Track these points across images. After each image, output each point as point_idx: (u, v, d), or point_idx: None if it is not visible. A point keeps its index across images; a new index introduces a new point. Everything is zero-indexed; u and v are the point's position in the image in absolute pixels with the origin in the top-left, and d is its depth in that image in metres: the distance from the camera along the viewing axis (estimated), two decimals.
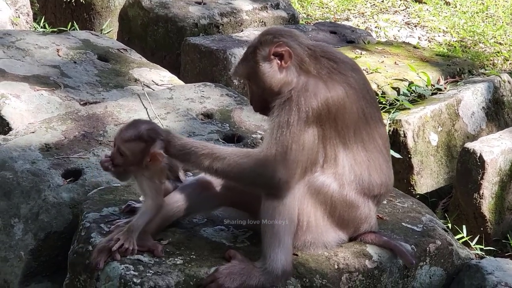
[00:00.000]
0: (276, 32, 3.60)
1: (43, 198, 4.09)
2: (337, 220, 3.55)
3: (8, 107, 4.97)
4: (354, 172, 3.52)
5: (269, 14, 8.14)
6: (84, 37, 6.20)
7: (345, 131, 3.49)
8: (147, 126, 3.50)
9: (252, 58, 3.54)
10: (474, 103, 6.28)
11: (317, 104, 3.38)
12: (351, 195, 3.53)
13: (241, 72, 3.64)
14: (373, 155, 3.59)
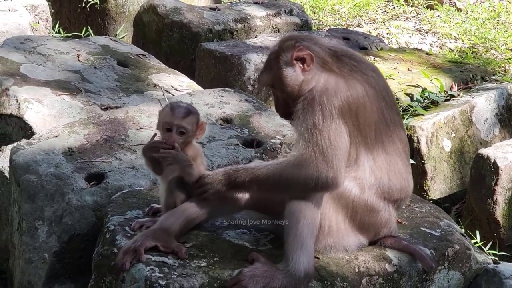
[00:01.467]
0: (296, 37, 3.65)
1: (67, 201, 4.16)
2: (358, 224, 3.61)
3: (31, 111, 5.03)
4: (375, 175, 3.57)
5: (283, 20, 8.20)
6: (103, 42, 6.26)
7: (367, 130, 3.53)
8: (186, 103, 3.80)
9: (275, 64, 3.59)
10: (487, 110, 6.33)
11: (338, 101, 3.44)
12: (371, 199, 3.58)
13: (265, 80, 3.68)
14: (393, 159, 3.63)
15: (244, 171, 3.54)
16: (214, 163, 4.56)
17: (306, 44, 3.58)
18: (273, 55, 3.63)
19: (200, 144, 4.54)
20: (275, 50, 3.63)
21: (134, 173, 4.36)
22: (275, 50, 3.64)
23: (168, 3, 7.94)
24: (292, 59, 3.55)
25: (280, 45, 3.63)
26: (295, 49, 3.55)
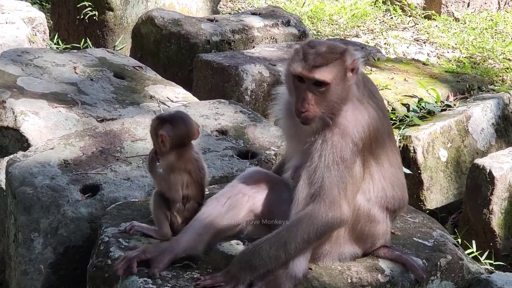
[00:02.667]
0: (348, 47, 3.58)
1: (62, 213, 4.18)
2: (357, 234, 3.63)
3: (27, 123, 5.06)
4: (382, 186, 3.62)
5: (280, 31, 8.23)
6: (100, 54, 6.30)
7: (378, 150, 3.58)
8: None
9: (341, 64, 3.44)
10: (483, 120, 6.35)
11: (362, 132, 3.46)
12: (374, 210, 3.62)
13: (327, 74, 3.42)
14: (396, 171, 3.70)
15: (262, 242, 3.45)
16: (210, 174, 4.56)
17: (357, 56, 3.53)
18: (336, 54, 3.44)
19: None
20: (339, 49, 3.46)
21: (129, 185, 4.39)
22: (339, 50, 3.46)
23: (166, 15, 7.97)
24: (353, 66, 3.47)
25: (341, 48, 3.47)
26: (353, 57, 3.48)
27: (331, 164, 3.41)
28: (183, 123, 3.74)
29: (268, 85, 6.89)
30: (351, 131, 3.45)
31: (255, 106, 6.81)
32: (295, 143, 3.64)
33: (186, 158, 3.75)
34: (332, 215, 3.40)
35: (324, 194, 3.41)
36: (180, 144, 3.73)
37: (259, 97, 6.87)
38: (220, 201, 3.64)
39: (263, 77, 6.86)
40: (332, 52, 3.42)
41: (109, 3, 8.45)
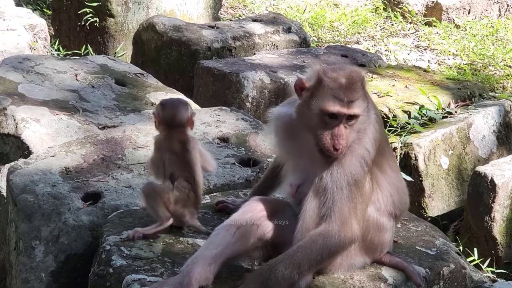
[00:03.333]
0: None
1: (64, 220, 4.17)
2: (367, 244, 3.61)
3: (28, 131, 5.05)
4: (390, 193, 3.62)
5: (281, 37, 8.24)
6: (101, 61, 6.29)
7: (380, 158, 3.57)
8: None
9: (363, 89, 3.46)
10: (484, 127, 6.35)
11: (372, 150, 3.47)
12: (383, 219, 3.62)
13: (360, 107, 3.43)
14: (397, 174, 3.71)
15: (276, 262, 3.43)
16: (211, 182, 4.57)
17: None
18: (360, 83, 3.43)
19: None
20: (358, 77, 3.44)
21: (130, 192, 4.38)
22: (358, 77, 3.43)
23: (167, 21, 7.97)
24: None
25: (360, 74, 3.45)
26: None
27: (343, 186, 3.41)
28: (172, 106, 4.01)
29: (269, 92, 6.89)
30: (362, 151, 3.45)
31: (256, 113, 6.81)
32: (297, 161, 3.61)
33: (173, 139, 3.94)
34: (344, 235, 3.39)
35: (336, 215, 3.39)
36: (169, 125, 3.97)
37: (260, 104, 6.87)
38: (230, 231, 3.59)
39: (264, 84, 6.86)
40: (357, 81, 3.40)
41: (110, 9, 8.45)
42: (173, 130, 3.96)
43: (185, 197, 3.87)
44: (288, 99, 3.80)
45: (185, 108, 4.01)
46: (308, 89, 3.42)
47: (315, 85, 3.40)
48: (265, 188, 4.05)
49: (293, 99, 3.62)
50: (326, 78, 3.38)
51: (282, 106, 3.73)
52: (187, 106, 4.04)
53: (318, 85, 3.39)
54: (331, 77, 3.38)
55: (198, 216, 4.01)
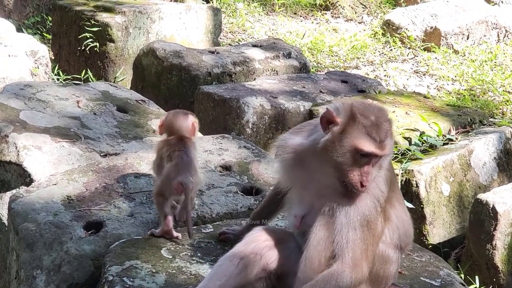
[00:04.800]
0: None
1: (65, 250, 4.15)
2: (372, 277, 3.57)
3: (30, 158, 5.03)
4: (396, 226, 3.60)
5: (281, 63, 8.26)
6: (103, 88, 6.29)
7: (390, 193, 3.56)
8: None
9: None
10: (485, 154, 6.35)
11: (385, 189, 3.47)
12: (389, 251, 3.60)
13: (391, 147, 3.45)
14: (403, 207, 3.70)
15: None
16: (213, 211, 4.56)
17: None
18: (389, 123, 3.42)
19: (199, 191, 4.58)
20: (388, 119, 3.43)
21: (132, 221, 4.36)
22: (388, 119, 3.43)
23: (167, 46, 8.00)
24: None
25: (388, 115, 3.46)
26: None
27: (357, 226, 3.39)
28: (175, 115, 4.47)
29: (270, 117, 6.90)
30: (377, 192, 3.45)
31: (256, 138, 6.81)
32: (302, 192, 3.59)
33: (171, 145, 4.29)
34: (355, 277, 3.38)
35: (349, 256, 3.38)
36: (170, 132, 4.40)
37: (260, 130, 6.87)
38: (233, 262, 3.59)
39: (265, 110, 6.87)
40: (387, 120, 3.39)
41: (110, 34, 8.47)
42: (176, 138, 4.34)
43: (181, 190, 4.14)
44: (298, 127, 3.74)
45: (185, 117, 4.42)
46: (339, 124, 3.37)
47: (347, 121, 3.35)
48: (266, 214, 4.04)
49: (306, 129, 3.61)
50: (359, 115, 3.33)
51: (293, 134, 3.67)
52: (189, 116, 4.44)
53: (351, 121, 3.34)
54: (364, 114, 3.34)
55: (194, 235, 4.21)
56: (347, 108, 3.37)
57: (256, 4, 12.81)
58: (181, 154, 4.25)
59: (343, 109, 3.38)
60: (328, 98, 7.26)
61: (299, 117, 7.00)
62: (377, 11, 13.38)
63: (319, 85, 7.64)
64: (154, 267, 3.84)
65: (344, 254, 3.38)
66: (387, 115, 3.40)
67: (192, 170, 4.19)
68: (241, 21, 11.86)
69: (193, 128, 4.44)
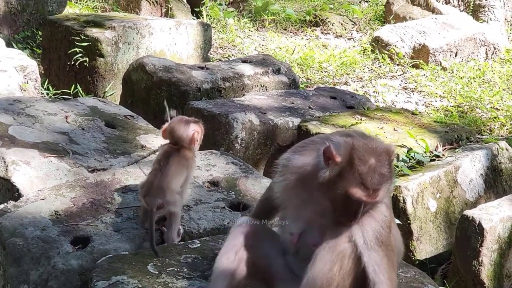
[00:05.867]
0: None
1: (53, 264, 4.16)
2: None
3: (18, 173, 5.05)
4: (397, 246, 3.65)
5: (271, 79, 8.29)
6: (91, 103, 6.31)
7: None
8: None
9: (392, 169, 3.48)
10: (472, 170, 6.38)
11: (389, 213, 3.54)
12: None
13: (384, 192, 3.44)
14: (395, 225, 3.72)
15: None
16: (201, 226, 4.58)
17: None
18: (389, 166, 3.41)
19: (186, 206, 4.61)
20: (393, 157, 3.47)
21: (119, 237, 4.38)
22: (393, 158, 3.47)
23: (157, 62, 8.01)
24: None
25: (393, 151, 3.45)
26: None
27: (375, 248, 3.43)
28: (176, 123, 4.52)
29: (258, 133, 6.92)
30: (382, 217, 3.48)
31: (245, 154, 6.83)
32: (300, 211, 3.59)
33: (166, 152, 4.43)
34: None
35: (385, 276, 3.43)
36: (171, 138, 4.50)
37: (249, 145, 6.89)
38: (230, 258, 3.64)
39: (254, 126, 6.89)
40: (387, 163, 3.37)
41: (100, 49, 8.49)
42: (175, 145, 4.45)
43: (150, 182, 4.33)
44: (302, 145, 3.69)
45: (187, 126, 4.47)
46: (337, 165, 3.36)
47: (344, 165, 3.35)
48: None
49: (310, 148, 3.58)
50: (357, 160, 3.32)
51: (296, 154, 3.63)
52: (190, 125, 4.48)
53: (348, 166, 3.34)
54: (362, 159, 3.32)
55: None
56: (347, 148, 3.36)
57: (246, 19, 12.87)
58: (156, 172, 4.33)
59: (343, 148, 3.36)
60: (317, 114, 7.29)
61: (288, 132, 7.03)
62: (366, 28, 13.47)
63: (308, 101, 7.67)
64: (141, 283, 3.85)
65: (380, 276, 3.41)
66: (388, 158, 3.37)
67: (164, 190, 4.26)
68: (231, 36, 11.91)
69: (193, 139, 4.47)
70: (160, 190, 4.27)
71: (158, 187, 4.27)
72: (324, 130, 6.54)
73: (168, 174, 4.29)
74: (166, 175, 4.29)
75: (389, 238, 3.46)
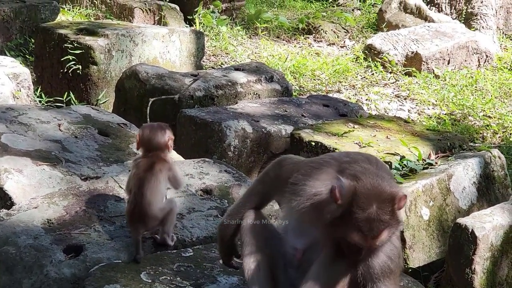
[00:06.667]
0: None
1: (45, 273, 4.15)
2: None
3: (10, 181, 5.03)
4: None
5: (263, 87, 8.29)
6: (84, 111, 6.30)
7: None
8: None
9: (394, 215, 3.39)
10: (465, 178, 6.38)
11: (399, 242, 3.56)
12: None
13: (384, 238, 3.40)
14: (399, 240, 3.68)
15: None
16: (194, 234, 4.57)
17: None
18: (391, 212, 3.33)
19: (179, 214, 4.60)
20: (400, 203, 3.35)
21: (112, 245, 4.37)
22: (400, 204, 3.36)
23: (150, 69, 8.02)
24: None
25: (398, 196, 3.34)
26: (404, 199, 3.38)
27: (381, 277, 3.42)
28: (151, 130, 4.49)
29: (251, 141, 6.92)
30: (391, 248, 3.48)
31: (238, 162, 6.83)
32: (309, 230, 3.55)
33: (147, 160, 4.40)
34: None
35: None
36: (146, 146, 4.47)
37: (242, 153, 6.89)
38: (255, 267, 3.66)
39: (246, 133, 6.89)
40: (388, 212, 3.30)
41: (93, 57, 8.49)
42: (151, 152, 4.41)
43: (134, 213, 4.28)
44: (316, 165, 3.57)
45: (162, 132, 4.46)
46: (340, 206, 3.31)
47: (345, 208, 3.29)
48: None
49: (324, 171, 3.49)
50: (356, 207, 3.27)
51: (310, 178, 3.50)
52: (165, 131, 4.48)
53: (347, 211, 3.29)
54: (362, 206, 3.26)
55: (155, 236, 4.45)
56: (348, 192, 3.29)
57: (239, 27, 12.88)
58: (135, 188, 4.33)
59: (346, 191, 3.29)
60: (310, 121, 7.30)
61: (281, 140, 7.04)
62: (359, 36, 13.50)
63: (301, 109, 7.68)
64: None
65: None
66: (391, 203, 3.30)
67: (147, 216, 4.28)
68: (224, 44, 11.92)
69: (168, 145, 4.51)
70: (142, 217, 4.28)
71: (140, 214, 4.27)
72: (317, 138, 6.54)
73: (146, 197, 4.27)
74: (145, 200, 4.28)
75: (397, 266, 3.45)
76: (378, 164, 3.51)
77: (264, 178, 3.88)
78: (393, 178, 3.60)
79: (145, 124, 4.62)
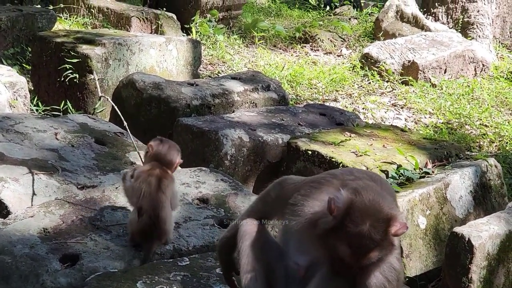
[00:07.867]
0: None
1: (41, 282, 4.14)
2: None
3: (7, 190, 5.03)
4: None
5: (260, 95, 8.30)
6: (81, 120, 6.30)
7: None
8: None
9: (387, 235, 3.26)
10: (461, 187, 6.39)
11: (400, 265, 3.52)
12: None
13: (374, 257, 3.29)
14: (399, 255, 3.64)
15: None
16: (190, 243, 4.57)
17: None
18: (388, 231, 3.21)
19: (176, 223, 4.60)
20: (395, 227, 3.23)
21: (109, 254, 4.36)
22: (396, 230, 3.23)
23: (147, 78, 8.02)
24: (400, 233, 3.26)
25: (392, 217, 3.22)
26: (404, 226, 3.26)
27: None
28: (168, 147, 4.59)
29: (248, 150, 6.92)
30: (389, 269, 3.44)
31: (234, 171, 6.83)
32: (310, 248, 3.49)
33: (153, 174, 4.44)
34: None
35: None
36: (158, 160, 4.52)
37: (238, 162, 6.89)
38: (253, 277, 3.60)
39: (243, 142, 6.89)
40: (380, 232, 3.18)
41: (90, 66, 8.48)
42: (159, 166, 4.47)
43: (143, 230, 4.35)
44: (316, 185, 3.51)
45: (178, 153, 4.61)
46: (335, 218, 3.23)
47: (338, 221, 3.22)
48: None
49: (324, 190, 3.43)
50: (349, 221, 3.19)
51: (310, 198, 3.45)
52: (179, 152, 4.63)
53: (341, 222, 3.21)
54: (355, 221, 3.17)
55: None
56: (344, 205, 3.22)
57: (236, 36, 12.91)
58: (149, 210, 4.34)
59: (342, 203, 3.22)
60: (306, 130, 7.30)
61: (277, 149, 7.04)
62: (356, 45, 13.53)
63: (298, 118, 7.69)
64: None
65: None
66: (386, 224, 3.19)
67: (164, 231, 4.40)
68: (221, 53, 11.93)
69: (177, 166, 4.66)
70: (159, 235, 4.40)
71: (157, 232, 4.38)
72: (313, 147, 6.55)
73: (162, 218, 4.36)
74: (161, 220, 4.37)
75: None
76: (383, 183, 3.47)
77: (266, 198, 3.85)
78: (396, 201, 3.54)
79: (160, 138, 4.69)
